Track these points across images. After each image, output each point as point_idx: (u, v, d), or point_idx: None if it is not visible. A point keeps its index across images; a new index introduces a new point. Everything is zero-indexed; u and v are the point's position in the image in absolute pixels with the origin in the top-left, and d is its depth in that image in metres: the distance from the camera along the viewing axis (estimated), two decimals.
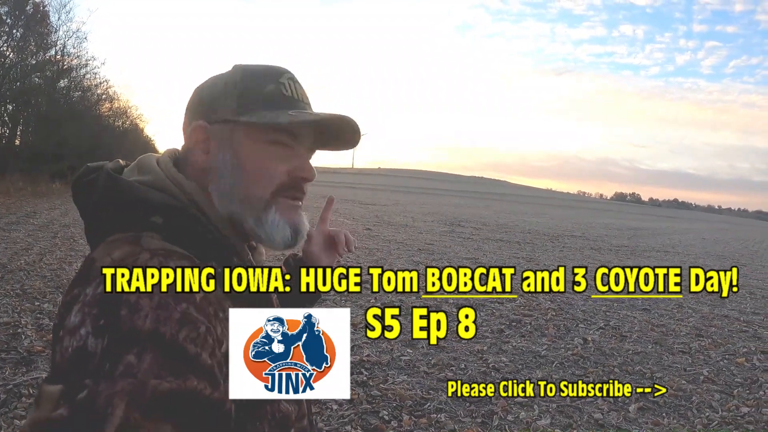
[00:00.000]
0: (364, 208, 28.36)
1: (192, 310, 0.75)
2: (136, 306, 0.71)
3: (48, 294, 6.57)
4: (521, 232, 21.04)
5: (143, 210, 0.88)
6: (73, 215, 14.72)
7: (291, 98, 0.98)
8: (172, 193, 0.92)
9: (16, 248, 9.39)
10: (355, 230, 16.31)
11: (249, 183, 0.95)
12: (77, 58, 29.02)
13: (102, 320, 0.70)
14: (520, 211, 43.10)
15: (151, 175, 0.94)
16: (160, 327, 0.70)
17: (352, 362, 4.97)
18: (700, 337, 6.97)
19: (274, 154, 0.96)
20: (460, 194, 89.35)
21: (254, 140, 0.96)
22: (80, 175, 0.97)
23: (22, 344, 4.85)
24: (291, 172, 0.97)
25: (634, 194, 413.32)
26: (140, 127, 53.11)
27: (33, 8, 25.88)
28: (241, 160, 0.95)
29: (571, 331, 6.76)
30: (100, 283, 0.75)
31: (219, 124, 0.97)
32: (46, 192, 22.34)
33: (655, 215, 78.54)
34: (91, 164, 0.98)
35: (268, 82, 0.98)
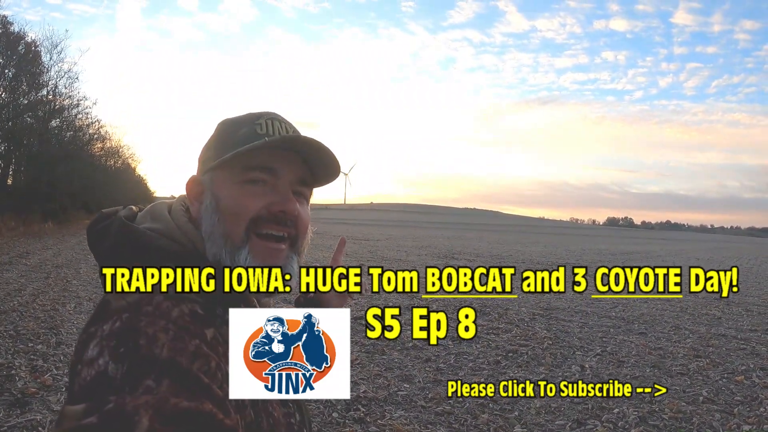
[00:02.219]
0: (357, 243, 28.33)
1: (204, 346, 0.77)
2: (154, 337, 0.74)
3: (42, 335, 6.50)
4: (515, 261, 21.04)
5: (153, 257, 0.91)
6: (65, 255, 14.67)
7: (265, 135, 1.00)
8: (179, 242, 0.96)
9: (8, 289, 9.34)
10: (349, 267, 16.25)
11: (224, 223, 0.96)
12: (69, 98, 29.18)
13: (122, 348, 0.72)
14: (513, 240, 43.17)
15: (161, 223, 0.98)
16: (177, 356, 0.73)
17: (349, 399, 4.93)
18: (698, 358, 6.97)
19: (249, 191, 0.97)
20: (453, 226, 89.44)
21: (230, 181, 0.98)
22: (95, 221, 1.01)
23: (15, 386, 4.80)
24: (268, 207, 0.98)
25: (627, 218, 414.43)
26: (132, 166, 53.18)
27: (25, 48, 26.04)
28: (218, 202, 0.98)
29: (568, 358, 6.73)
30: (117, 320, 0.77)
31: (205, 174, 1.02)
32: (38, 232, 22.25)
33: (648, 238, 78.79)
34: (105, 210, 1.02)
35: (243, 126, 1.02)
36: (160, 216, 1.01)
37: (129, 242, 0.93)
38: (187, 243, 0.96)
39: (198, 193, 1.02)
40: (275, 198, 0.98)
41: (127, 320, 0.77)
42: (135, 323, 0.76)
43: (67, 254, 15.47)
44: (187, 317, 0.80)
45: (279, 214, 0.98)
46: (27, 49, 26.25)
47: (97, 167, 34.50)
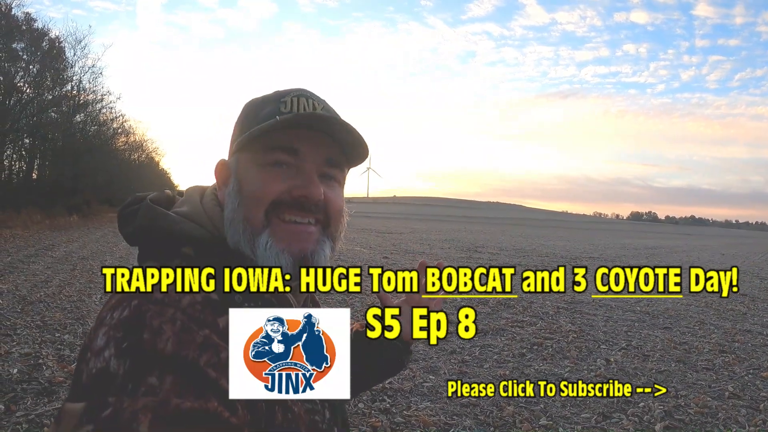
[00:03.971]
0: (380, 236, 28.30)
1: (214, 336, 0.76)
2: (158, 330, 0.72)
3: (68, 326, 6.59)
4: (538, 255, 20.91)
5: (176, 240, 0.90)
6: (91, 248, 14.86)
7: (289, 113, 0.95)
8: (204, 225, 0.94)
9: (35, 280, 9.47)
10: (373, 258, 16.30)
11: (245, 206, 0.93)
12: (93, 93, 29.48)
13: (125, 343, 0.71)
14: (536, 234, 42.89)
15: (189, 206, 0.97)
16: (182, 350, 0.71)
17: (375, 389, 4.95)
18: (723, 353, 6.89)
19: (271, 173, 0.94)
20: (476, 220, 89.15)
21: (252, 164, 0.95)
22: (126, 204, 1.00)
23: (43, 375, 4.87)
24: (290, 190, 0.93)
25: (651, 213, 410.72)
26: (156, 160, 53.65)
27: (49, 44, 26.34)
28: (241, 185, 0.95)
29: (593, 352, 6.69)
30: (125, 308, 0.76)
31: (232, 157, 1.00)
32: (63, 225, 22.55)
33: (672, 233, 77.90)
34: (139, 194, 1.01)
35: (267, 105, 0.98)
36: (189, 200, 1.00)
37: (153, 225, 0.92)
38: (210, 226, 0.95)
39: (225, 177, 1.00)
40: (297, 181, 0.94)
41: (135, 308, 0.75)
42: (142, 313, 0.74)
43: (92, 246, 15.67)
44: (198, 305, 0.78)
45: (301, 199, 0.94)
46: (51, 46, 26.56)
47: (121, 161, 34.86)
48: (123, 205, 1.00)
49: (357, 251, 18.52)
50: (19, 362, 5.17)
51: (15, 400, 4.31)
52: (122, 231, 0.98)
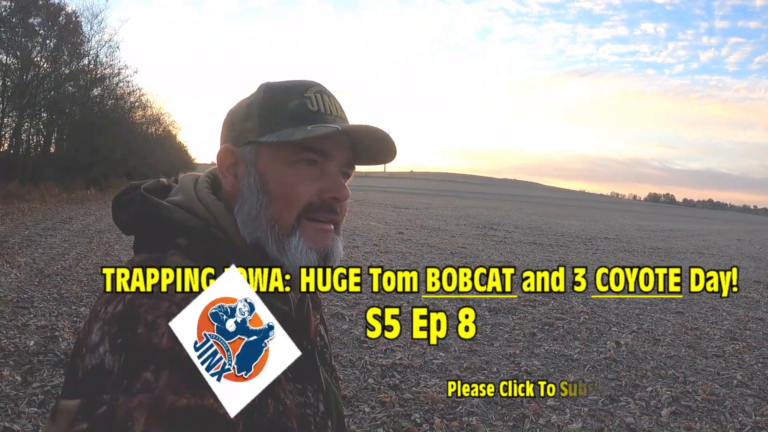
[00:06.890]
0: (396, 211, 28.24)
1: None
2: (153, 325, 0.72)
3: (85, 298, 6.72)
4: (554, 234, 20.86)
5: (170, 230, 0.89)
6: (107, 221, 14.98)
7: (318, 113, 0.93)
8: (199, 215, 0.92)
9: (52, 253, 9.61)
10: (388, 234, 16.35)
11: (274, 207, 0.91)
12: (110, 67, 29.49)
13: (119, 339, 0.71)
14: (552, 213, 42.61)
15: (183, 195, 0.96)
16: (176, 345, 0.71)
17: (385, 365, 5.04)
18: (734, 341, 6.87)
19: (301, 174, 0.91)
20: (492, 197, 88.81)
21: (279, 161, 0.92)
22: (121, 193, 0.98)
23: (59, 347, 4.97)
24: (320, 193, 0.92)
25: (668, 195, 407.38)
26: (173, 134, 53.74)
27: (65, 19, 26.34)
28: (266, 183, 0.92)
29: (603, 334, 6.70)
30: (119, 302, 0.75)
31: (245, 146, 0.94)
32: (81, 198, 22.73)
33: (690, 216, 77.21)
34: (135, 182, 0.99)
35: (292, 97, 0.94)
36: (183, 188, 0.98)
37: (147, 214, 0.90)
38: (206, 216, 0.93)
39: (231, 164, 0.96)
40: (327, 183, 0.92)
41: (128, 302, 0.74)
42: (136, 307, 0.74)
43: (109, 220, 15.63)
44: (194, 296, 0.76)
45: (332, 202, 0.93)
46: (68, 20, 26.48)
47: (138, 134, 34.92)
48: (118, 194, 0.98)
49: (372, 226, 18.57)
50: (36, 334, 5.27)
51: (32, 372, 4.40)
52: (117, 220, 0.96)
